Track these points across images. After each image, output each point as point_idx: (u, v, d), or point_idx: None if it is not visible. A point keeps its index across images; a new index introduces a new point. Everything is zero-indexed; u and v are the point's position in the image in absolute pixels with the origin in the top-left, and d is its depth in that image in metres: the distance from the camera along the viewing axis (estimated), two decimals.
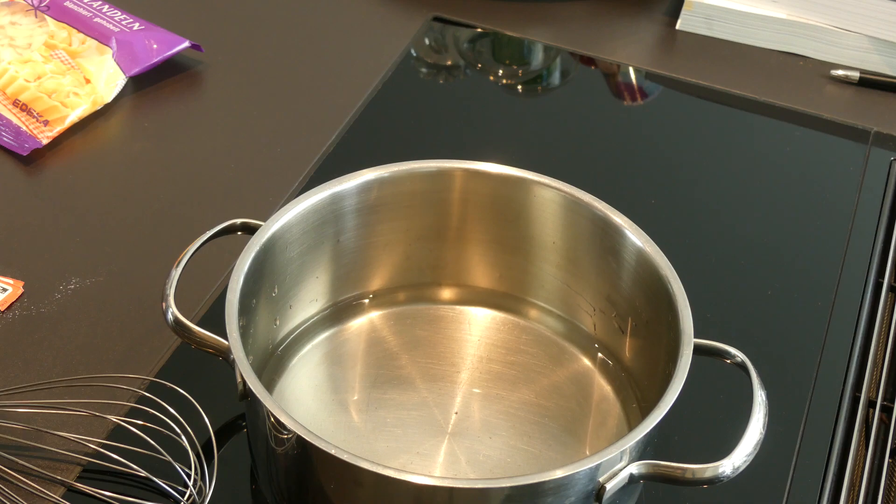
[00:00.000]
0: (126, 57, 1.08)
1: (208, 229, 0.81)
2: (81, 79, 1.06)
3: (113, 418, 0.77)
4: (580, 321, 0.86)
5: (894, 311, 0.94)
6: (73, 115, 1.04)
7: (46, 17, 1.12)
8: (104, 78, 1.06)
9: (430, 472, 0.76)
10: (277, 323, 0.83)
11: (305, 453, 0.70)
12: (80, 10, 1.12)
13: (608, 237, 0.82)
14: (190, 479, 0.74)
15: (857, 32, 1.17)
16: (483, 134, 1.09)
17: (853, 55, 1.18)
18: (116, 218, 0.97)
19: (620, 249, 0.81)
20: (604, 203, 0.82)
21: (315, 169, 1.01)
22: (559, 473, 0.67)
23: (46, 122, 1.02)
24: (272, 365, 0.82)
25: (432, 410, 0.80)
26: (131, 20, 1.11)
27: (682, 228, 1.00)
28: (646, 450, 0.72)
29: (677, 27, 1.22)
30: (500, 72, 1.19)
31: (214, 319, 0.77)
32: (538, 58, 1.22)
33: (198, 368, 0.82)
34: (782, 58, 1.20)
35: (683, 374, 0.72)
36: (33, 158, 1.01)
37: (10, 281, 0.89)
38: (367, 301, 0.87)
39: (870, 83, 1.17)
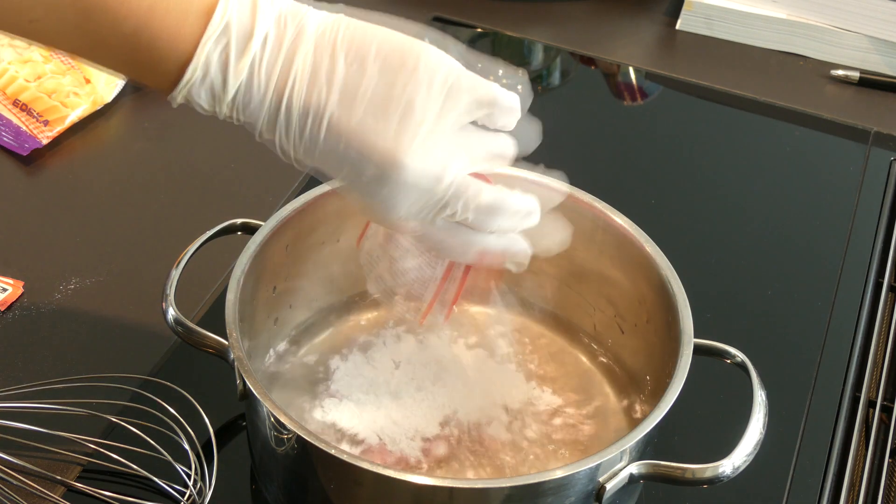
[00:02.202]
0: None
1: (208, 229, 0.81)
2: (81, 79, 1.06)
3: (113, 418, 0.77)
4: (580, 321, 0.86)
5: (894, 311, 0.94)
6: (73, 115, 1.04)
7: None
8: (104, 78, 1.06)
9: (429, 470, 0.76)
10: (277, 323, 0.83)
11: (305, 453, 0.70)
12: None
13: (608, 237, 0.82)
14: (190, 479, 0.74)
15: (857, 32, 1.17)
16: None
17: (853, 55, 1.18)
18: (116, 218, 0.97)
19: (620, 249, 0.81)
20: (604, 203, 0.82)
21: None
22: (559, 473, 0.67)
23: (46, 122, 1.02)
24: (272, 365, 0.82)
25: (432, 409, 0.80)
26: None
27: (682, 228, 1.00)
28: (646, 450, 0.72)
29: (677, 27, 1.22)
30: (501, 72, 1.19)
31: (214, 319, 0.77)
32: (538, 58, 1.22)
33: (198, 368, 0.82)
34: (782, 58, 1.20)
35: (683, 374, 0.72)
36: (33, 158, 1.01)
37: (10, 281, 0.89)
38: (367, 301, 0.87)
39: (870, 83, 1.17)
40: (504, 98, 0.67)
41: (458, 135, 0.66)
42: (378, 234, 0.75)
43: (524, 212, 0.69)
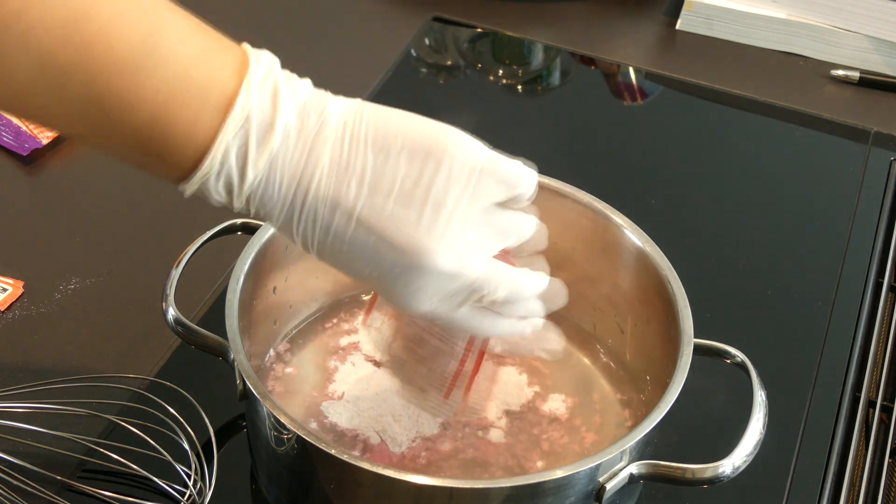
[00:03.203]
0: None
1: (208, 229, 0.81)
2: None
3: (113, 418, 0.77)
4: (580, 321, 0.86)
5: (894, 311, 0.94)
6: None
7: None
8: None
9: (430, 470, 0.76)
10: (277, 323, 0.83)
11: (305, 453, 0.70)
12: None
13: (608, 237, 0.82)
14: (190, 479, 0.74)
15: (857, 32, 1.17)
16: (483, 134, 1.09)
17: (853, 55, 1.18)
18: (116, 218, 0.97)
19: (620, 249, 0.81)
20: (604, 203, 0.82)
21: None
22: (559, 473, 0.67)
23: None
24: (272, 365, 0.82)
25: (432, 409, 0.79)
26: None
27: (682, 228, 1.00)
28: (646, 450, 0.72)
29: (677, 27, 1.22)
30: (500, 72, 1.19)
31: (214, 319, 0.77)
32: (538, 58, 1.22)
33: (198, 368, 0.82)
34: (782, 58, 1.20)
35: (683, 374, 0.72)
36: (33, 158, 1.01)
37: (10, 281, 0.89)
38: (367, 300, 0.87)
39: (870, 83, 1.17)
40: (526, 177, 0.66)
41: (483, 220, 0.65)
42: (388, 310, 0.74)
43: (547, 295, 0.70)
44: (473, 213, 0.64)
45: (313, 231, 0.64)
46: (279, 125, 0.62)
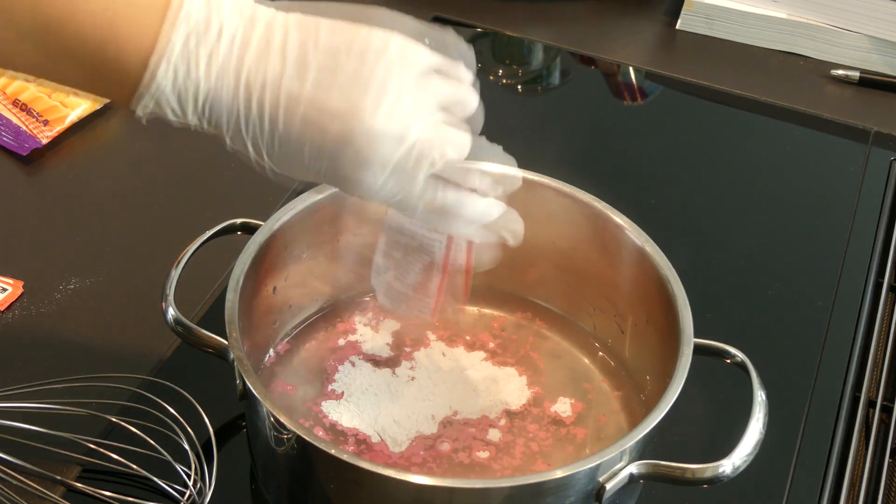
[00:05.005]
0: None
1: (208, 229, 0.81)
2: None
3: (113, 418, 0.77)
4: (580, 321, 0.86)
5: (894, 311, 0.94)
6: (73, 115, 1.04)
7: None
8: None
9: (429, 470, 0.76)
10: (277, 323, 0.83)
11: (305, 453, 0.70)
12: None
13: (608, 237, 0.82)
14: (190, 479, 0.74)
15: (857, 32, 1.17)
16: (483, 134, 1.09)
17: (853, 55, 1.18)
18: (116, 218, 0.97)
19: (620, 249, 0.81)
20: (604, 203, 0.82)
21: None
22: (559, 473, 0.67)
23: (46, 122, 1.02)
24: (272, 365, 0.82)
25: (432, 409, 0.80)
26: None
27: (682, 228, 1.00)
28: (646, 450, 0.72)
29: (677, 27, 1.22)
30: (500, 72, 1.19)
31: (214, 319, 0.77)
32: (538, 58, 1.22)
33: (198, 368, 0.82)
34: (782, 58, 1.20)
35: (683, 374, 0.72)
36: (33, 158, 1.01)
37: (10, 281, 0.89)
38: (366, 300, 0.87)
39: (870, 83, 1.17)
40: (454, 42, 0.69)
41: (419, 84, 0.66)
42: (380, 242, 0.74)
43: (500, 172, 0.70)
44: (407, 78, 0.65)
45: (248, 126, 0.65)
46: (214, 24, 0.64)
